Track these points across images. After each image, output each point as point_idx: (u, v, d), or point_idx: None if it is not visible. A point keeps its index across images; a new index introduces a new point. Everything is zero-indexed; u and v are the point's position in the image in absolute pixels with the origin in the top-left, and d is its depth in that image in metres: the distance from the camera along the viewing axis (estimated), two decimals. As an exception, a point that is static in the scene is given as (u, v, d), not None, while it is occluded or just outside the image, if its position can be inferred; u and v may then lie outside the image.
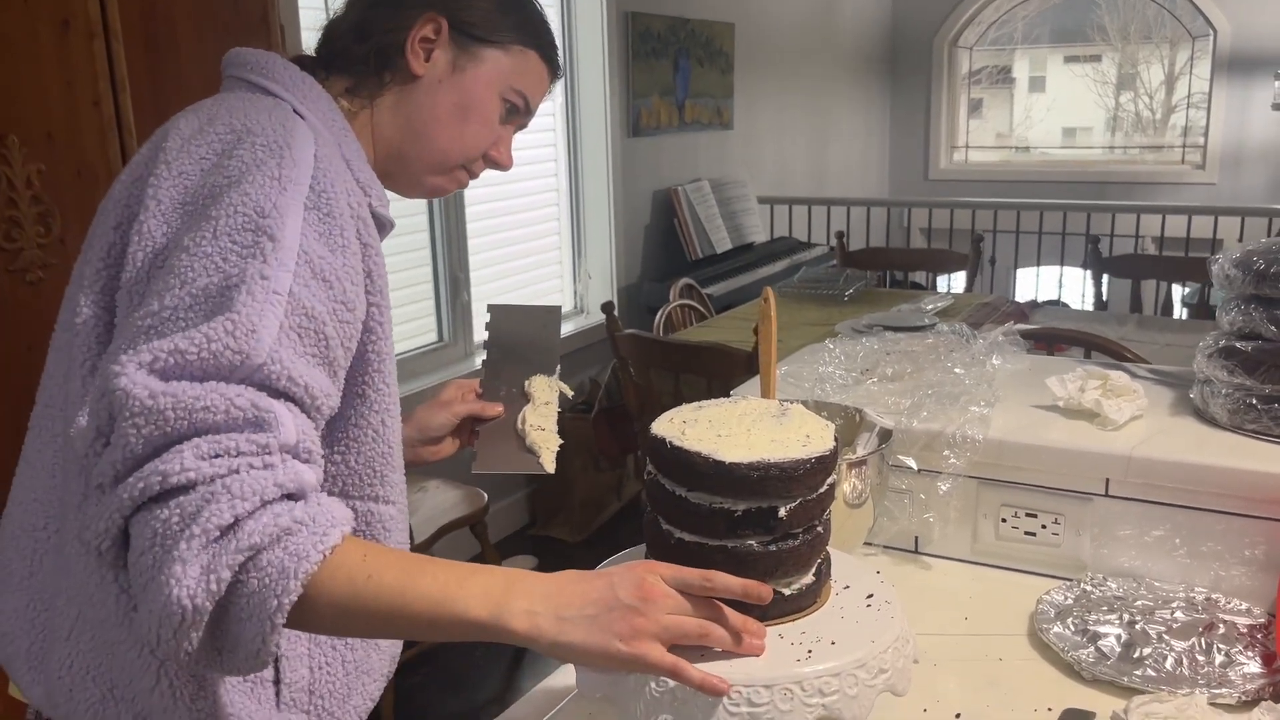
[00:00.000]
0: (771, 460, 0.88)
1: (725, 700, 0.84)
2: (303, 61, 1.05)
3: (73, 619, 0.93)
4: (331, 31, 1.09)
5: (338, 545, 0.75)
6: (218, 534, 0.72)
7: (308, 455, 0.79)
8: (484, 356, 1.28)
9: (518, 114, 1.12)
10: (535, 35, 1.10)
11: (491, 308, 1.31)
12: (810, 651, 0.88)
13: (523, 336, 1.28)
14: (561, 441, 1.18)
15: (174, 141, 0.92)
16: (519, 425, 1.19)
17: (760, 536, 0.90)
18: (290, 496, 0.76)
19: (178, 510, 0.72)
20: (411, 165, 1.10)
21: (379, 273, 0.96)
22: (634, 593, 0.81)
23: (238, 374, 0.77)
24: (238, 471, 0.74)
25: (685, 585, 0.84)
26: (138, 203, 0.90)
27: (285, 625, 0.73)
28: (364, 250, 0.93)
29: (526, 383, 1.23)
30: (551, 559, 3.66)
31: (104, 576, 0.90)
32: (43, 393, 0.98)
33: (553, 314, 1.32)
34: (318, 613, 0.76)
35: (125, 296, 0.88)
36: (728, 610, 0.85)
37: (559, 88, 4.23)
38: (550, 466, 1.15)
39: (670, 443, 0.91)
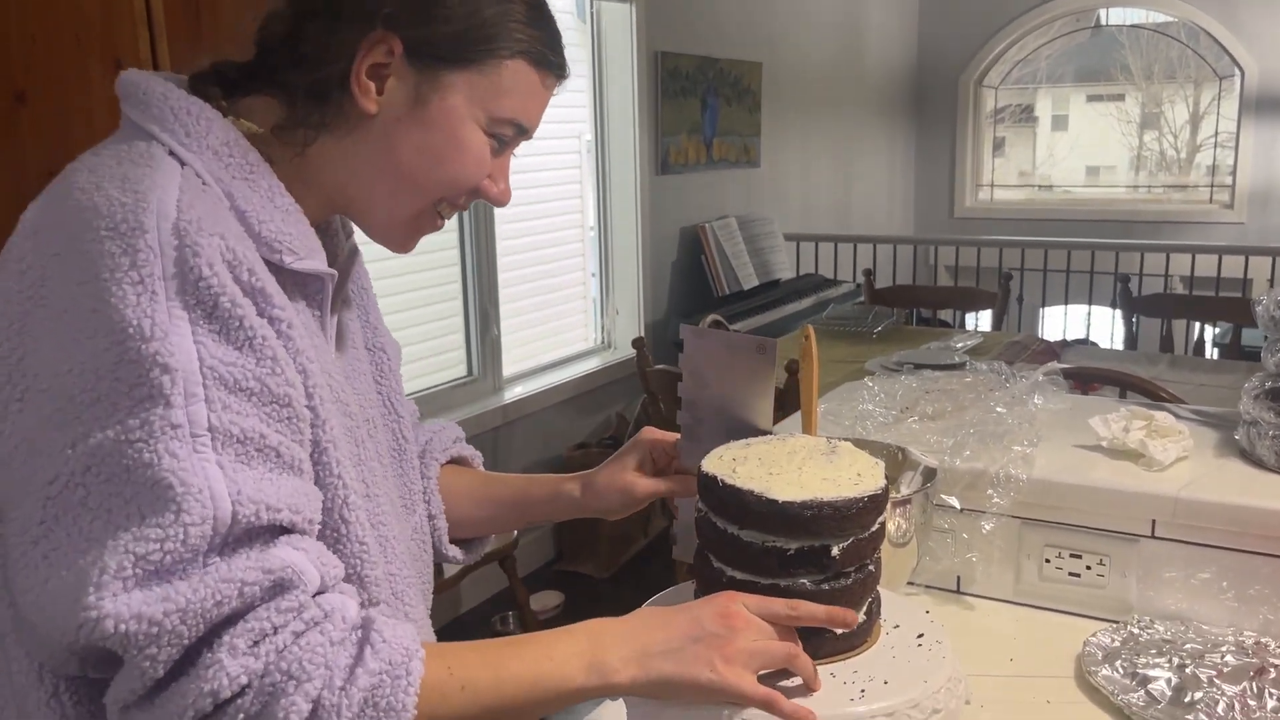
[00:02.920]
0: (825, 499, 0.88)
1: None
2: (205, 79, 0.84)
3: None
4: (265, 42, 0.85)
5: (424, 676, 0.71)
6: None
7: (335, 579, 0.74)
8: (680, 404, 1.08)
9: (512, 142, 0.90)
10: (519, 39, 0.85)
11: (686, 330, 1.07)
12: (863, 691, 0.87)
13: (725, 380, 1.05)
14: None
15: (18, 234, 0.76)
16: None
17: (813, 575, 0.90)
18: (350, 640, 0.71)
19: (241, 716, 0.66)
20: (373, 219, 0.89)
21: (304, 344, 0.78)
22: (720, 621, 0.80)
23: (216, 544, 0.67)
24: (285, 649, 0.67)
25: (770, 614, 0.84)
26: None
27: None
28: (275, 326, 0.75)
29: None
30: (578, 595, 3.65)
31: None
32: None
33: (766, 352, 1.03)
34: None
35: None
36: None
37: (588, 124, 4.32)
38: None
39: (722, 480, 0.92)
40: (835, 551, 0.89)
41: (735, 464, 0.95)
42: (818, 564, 0.89)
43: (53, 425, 0.69)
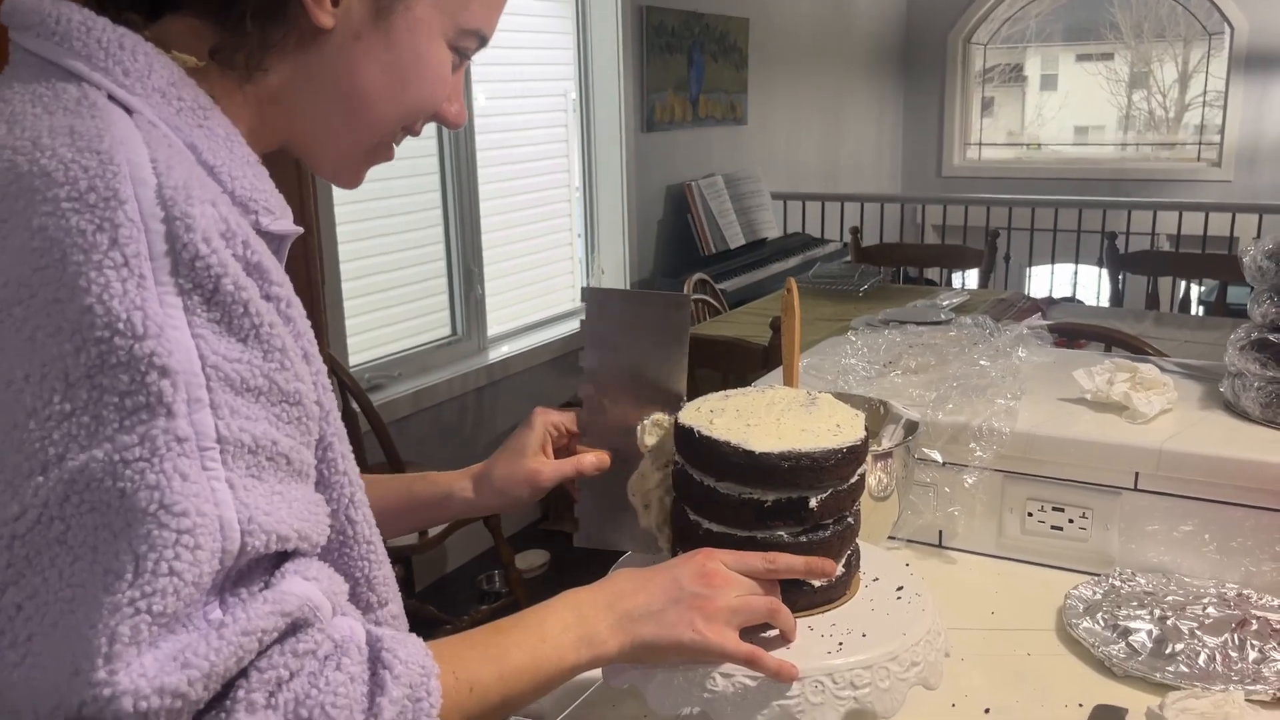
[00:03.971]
0: (803, 450, 0.87)
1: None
2: (120, 3, 0.69)
3: None
4: None
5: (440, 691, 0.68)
6: None
7: (341, 601, 0.67)
8: (581, 375, 1.01)
9: (471, 54, 0.81)
10: None
11: (589, 292, 1.00)
12: (841, 644, 0.86)
13: (635, 344, 0.99)
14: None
15: None
16: (630, 495, 0.97)
17: (790, 528, 0.89)
18: (365, 670, 0.65)
19: None
20: (322, 152, 0.78)
21: (303, 327, 0.68)
22: (699, 581, 0.79)
23: (227, 578, 0.58)
24: (306, 697, 0.60)
25: (748, 569, 0.82)
26: None
27: None
28: (275, 304, 0.64)
29: (640, 428, 0.97)
30: (563, 553, 3.65)
31: None
32: None
33: (680, 309, 0.99)
34: None
35: None
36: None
37: (572, 81, 4.26)
38: (666, 548, 0.96)
39: (698, 432, 0.90)
40: (813, 503, 0.88)
41: (713, 415, 0.93)
42: (795, 516, 0.88)
43: (9, 448, 0.56)
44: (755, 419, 0.92)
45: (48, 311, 0.56)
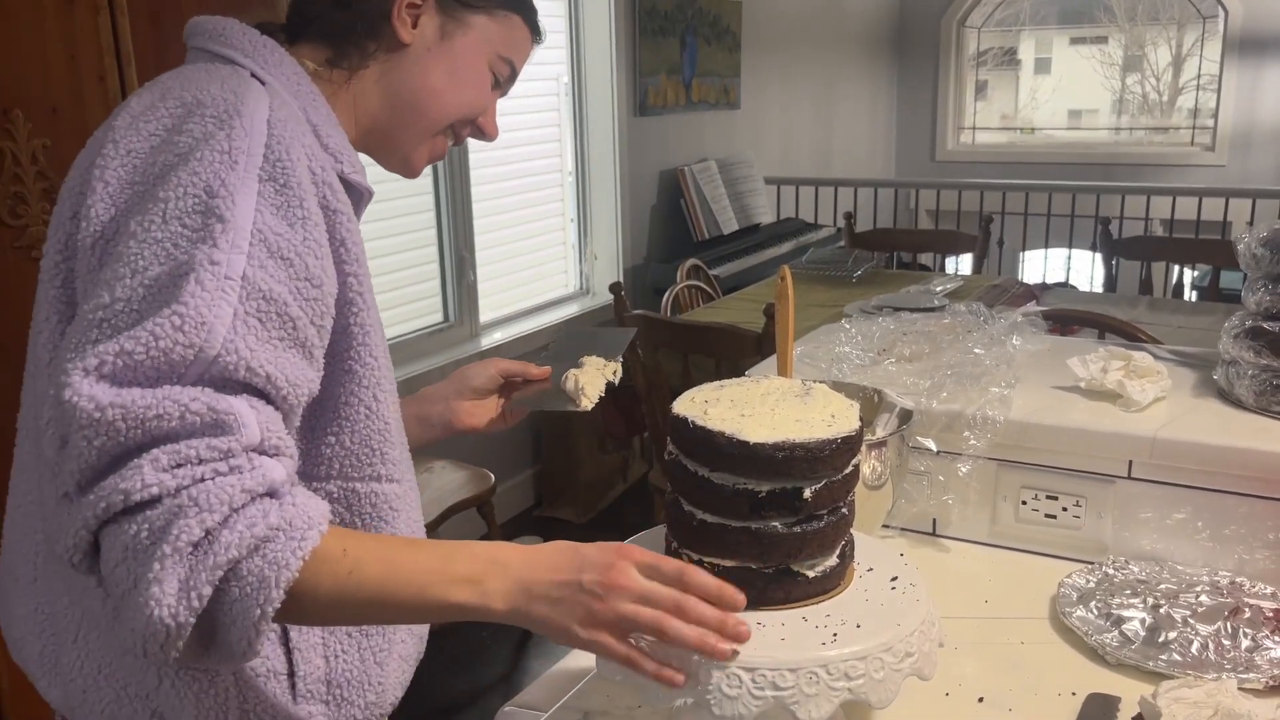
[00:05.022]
0: (796, 440, 0.86)
1: (750, 683, 0.82)
2: (266, 28, 0.99)
3: (78, 620, 0.91)
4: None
5: (316, 546, 0.74)
6: (190, 549, 0.70)
7: (275, 450, 0.77)
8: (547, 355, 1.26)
9: (504, 83, 1.09)
10: (519, 0, 1.07)
11: (564, 329, 1.30)
12: (835, 635, 0.86)
13: (587, 345, 1.25)
14: (603, 393, 1.18)
15: (123, 120, 0.86)
16: (563, 384, 1.18)
17: (784, 518, 0.88)
18: (263, 497, 0.74)
19: (146, 525, 0.70)
20: (399, 136, 1.05)
21: (353, 240, 0.90)
22: (598, 578, 0.80)
23: (191, 371, 0.74)
24: (202, 480, 0.71)
25: (660, 575, 0.81)
26: (87, 186, 0.84)
27: (275, 621, 0.73)
28: (333, 218, 0.88)
29: (580, 361, 1.21)
30: (557, 539, 3.65)
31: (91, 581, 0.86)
32: (26, 393, 0.95)
33: (626, 333, 1.32)
34: (304, 611, 0.76)
35: (80, 286, 0.84)
36: (703, 606, 0.81)
37: (565, 66, 4.24)
38: (588, 405, 1.15)
39: (693, 422, 0.89)
40: (807, 494, 0.87)
41: (707, 405, 0.93)
42: (790, 506, 0.88)
43: (119, 260, 0.78)
44: (750, 409, 0.92)
45: (180, 174, 0.79)
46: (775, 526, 0.88)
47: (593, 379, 1.18)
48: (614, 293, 3.13)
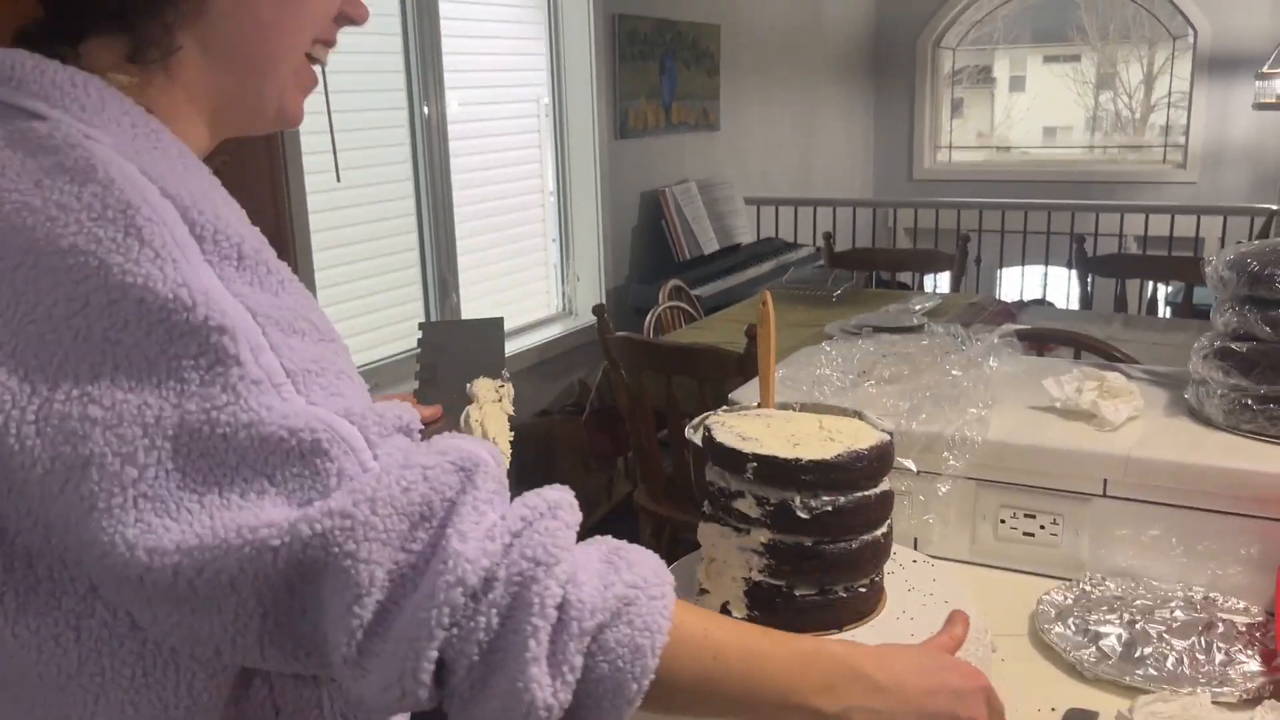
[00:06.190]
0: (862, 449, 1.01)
1: None
2: (39, 41, 0.72)
3: None
4: None
5: (678, 622, 0.65)
6: (556, 616, 0.61)
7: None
8: (417, 376, 1.16)
9: None
10: None
11: (424, 325, 1.21)
12: None
13: (462, 350, 1.18)
14: (513, 435, 1.09)
15: None
16: (463, 425, 1.08)
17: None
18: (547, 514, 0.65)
19: (493, 609, 0.60)
20: (256, 96, 0.79)
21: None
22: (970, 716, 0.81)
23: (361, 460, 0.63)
24: (522, 533, 0.61)
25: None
26: None
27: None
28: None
29: (469, 385, 1.12)
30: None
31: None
32: None
33: (495, 324, 1.23)
34: (667, 696, 0.65)
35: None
36: None
37: (546, 88, 4.27)
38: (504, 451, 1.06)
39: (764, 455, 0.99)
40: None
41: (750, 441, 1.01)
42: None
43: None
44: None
45: (108, 313, 0.60)
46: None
47: (494, 417, 1.09)
48: (597, 314, 3.15)
